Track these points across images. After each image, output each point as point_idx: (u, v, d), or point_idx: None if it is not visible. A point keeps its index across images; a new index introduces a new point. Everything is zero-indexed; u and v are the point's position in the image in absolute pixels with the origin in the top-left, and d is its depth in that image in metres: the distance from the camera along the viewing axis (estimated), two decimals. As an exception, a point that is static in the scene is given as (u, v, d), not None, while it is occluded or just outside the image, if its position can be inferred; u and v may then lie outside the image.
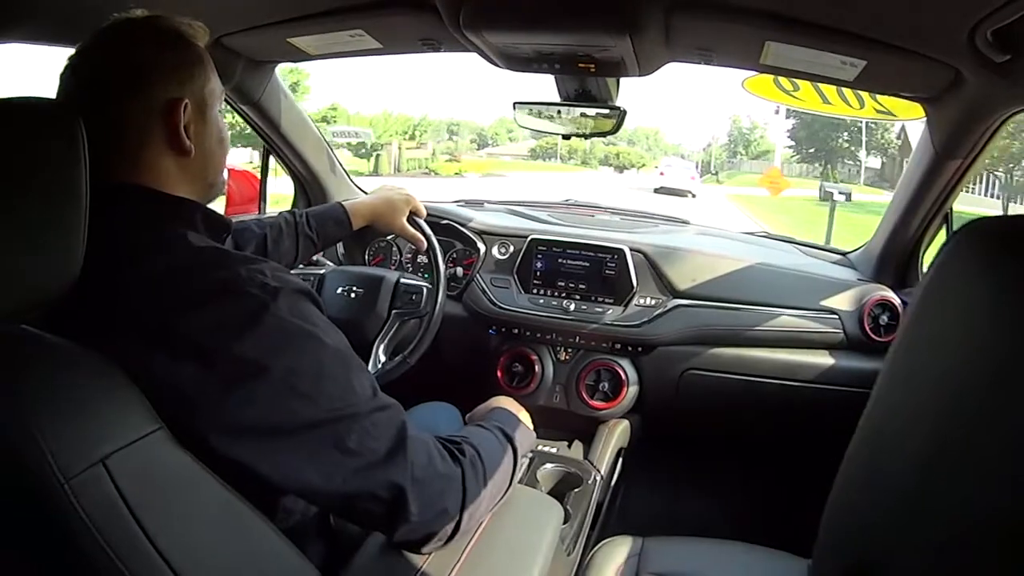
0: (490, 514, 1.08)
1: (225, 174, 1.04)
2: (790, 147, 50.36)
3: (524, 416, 1.29)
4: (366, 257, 2.34)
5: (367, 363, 1.73)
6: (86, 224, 0.70)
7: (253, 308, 0.79)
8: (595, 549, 1.34)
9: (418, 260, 2.27)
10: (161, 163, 0.90)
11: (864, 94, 1.81)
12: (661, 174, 28.53)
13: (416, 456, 0.88)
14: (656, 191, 25.21)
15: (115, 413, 0.70)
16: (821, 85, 1.81)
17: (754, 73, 1.75)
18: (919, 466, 0.55)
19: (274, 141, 2.18)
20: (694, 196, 24.71)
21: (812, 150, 48.40)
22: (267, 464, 0.80)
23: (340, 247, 2.30)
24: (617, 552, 1.30)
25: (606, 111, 1.75)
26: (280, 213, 1.68)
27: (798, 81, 1.79)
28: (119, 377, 0.72)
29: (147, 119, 0.88)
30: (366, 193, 2.42)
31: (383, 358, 1.74)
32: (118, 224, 0.83)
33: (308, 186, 2.36)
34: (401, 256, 2.30)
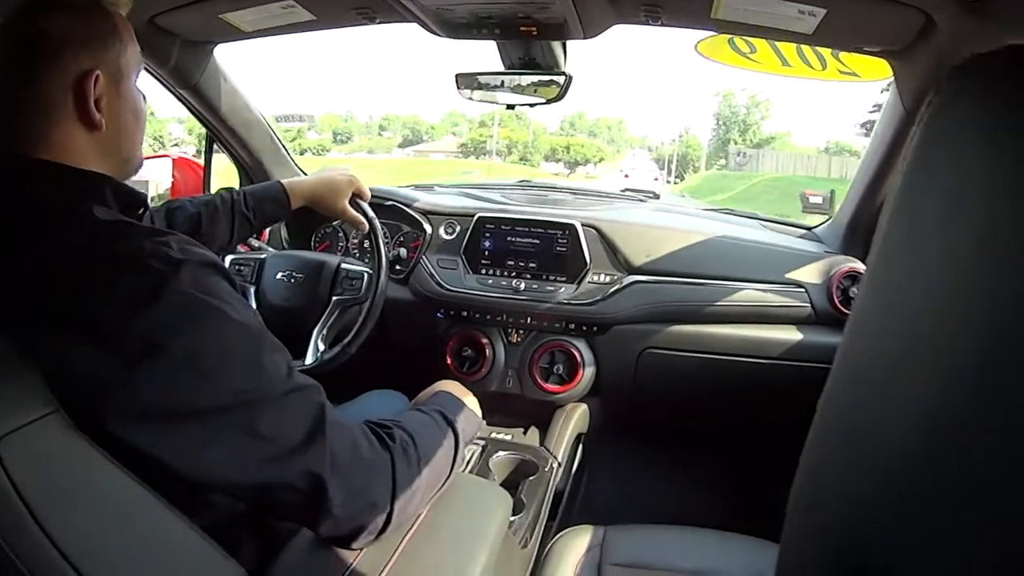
0: (428, 506, 1.02)
1: (170, 165, 0.99)
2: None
3: (470, 400, 1.24)
4: (312, 243, 2.28)
5: (306, 352, 1.67)
6: None
7: (153, 282, 0.75)
8: (553, 540, 1.29)
9: (365, 246, 2.21)
10: (71, 137, 0.85)
11: (826, 54, 1.75)
12: (626, 176, 29.70)
13: (337, 443, 0.83)
14: (622, 192, 25.65)
15: (6, 394, 0.67)
16: (780, 45, 1.75)
17: (708, 35, 1.68)
18: (910, 438, 0.48)
19: (215, 127, 2.11)
20: (658, 197, 25.82)
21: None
22: (170, 451, 0.75)
23: (284, 232, 2.24)
24: (577, 543, 1.25)
25: (552, 77, 1.70)
26: (218, 191, 1.61)
27: (755, 42, 1.74)
28: (12, 357, 0.70)
29: (56, 91, 0.84)
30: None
31: (322, 347, 1.70)
32: (23, 200, 0.80)
33: (252, 173, 2.28)
34: (348, 242, 2.24)
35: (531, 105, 1.75)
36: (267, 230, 2.15)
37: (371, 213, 1.73)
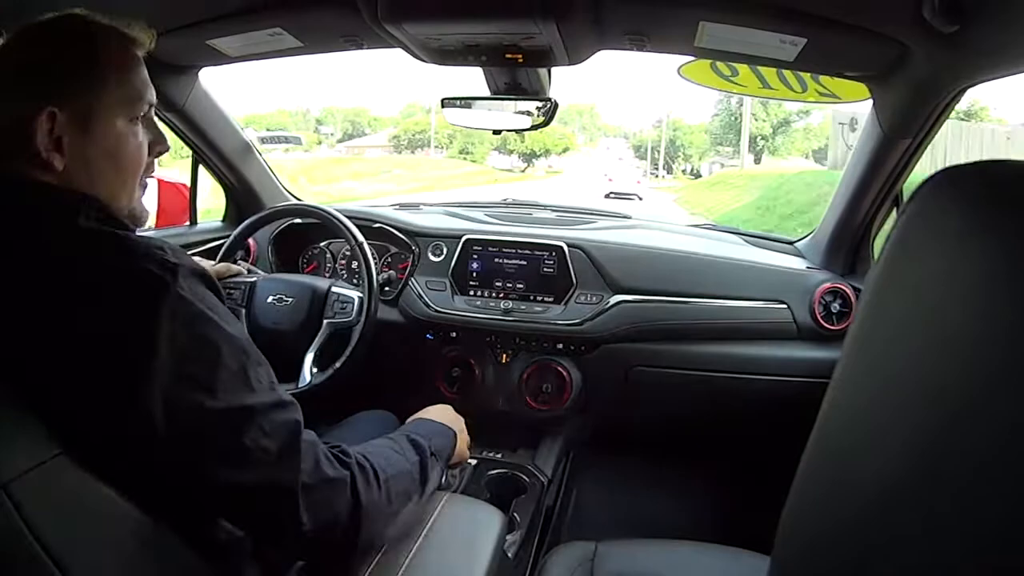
0: (424, 527, 1.05)
1: (155, 189, 0.97)
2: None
3: (450, 419, 1.26)
4: (300, 264, 2.27)
5: (297, 374, 1.67)
6: None
7: (153, 286, 0.75)
8: (545, 556, 1.28)
9: (353, 267, 2.20)
10: (26, 174, 0.81)
11: (806, 77, 1.77)
12: (610, 180, 29.97)
13: (304, 460, 0.84)
14: (606, 196, 25.80)
15: (12, 438, 0.67)
16: (761, 68, 1.77)
17: (690, 59, 1.70)
18: (898, 460, 0.50)
19: (201, 149, 2.12)
20: (641, 199, 25.88)
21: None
22: (161, 456, 0.75)
23: (271, 254, 2.22)
24: (569, 558, 1.24)
25: (537, 103, 1.71)
26: None
27: (736, 66, 1.77)
28: (12, 398, 0.69)
29: (10, 123, 0.80)
30: (297, 199, 2.38)
31: (314, 369, 1.69)
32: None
33: (238, 195, 2.30)
34: (335, 263, 2.24)
35: (517, 131, 1.76)
36: (255, 251, 2.15)
37: (360, 237, 1.76)
